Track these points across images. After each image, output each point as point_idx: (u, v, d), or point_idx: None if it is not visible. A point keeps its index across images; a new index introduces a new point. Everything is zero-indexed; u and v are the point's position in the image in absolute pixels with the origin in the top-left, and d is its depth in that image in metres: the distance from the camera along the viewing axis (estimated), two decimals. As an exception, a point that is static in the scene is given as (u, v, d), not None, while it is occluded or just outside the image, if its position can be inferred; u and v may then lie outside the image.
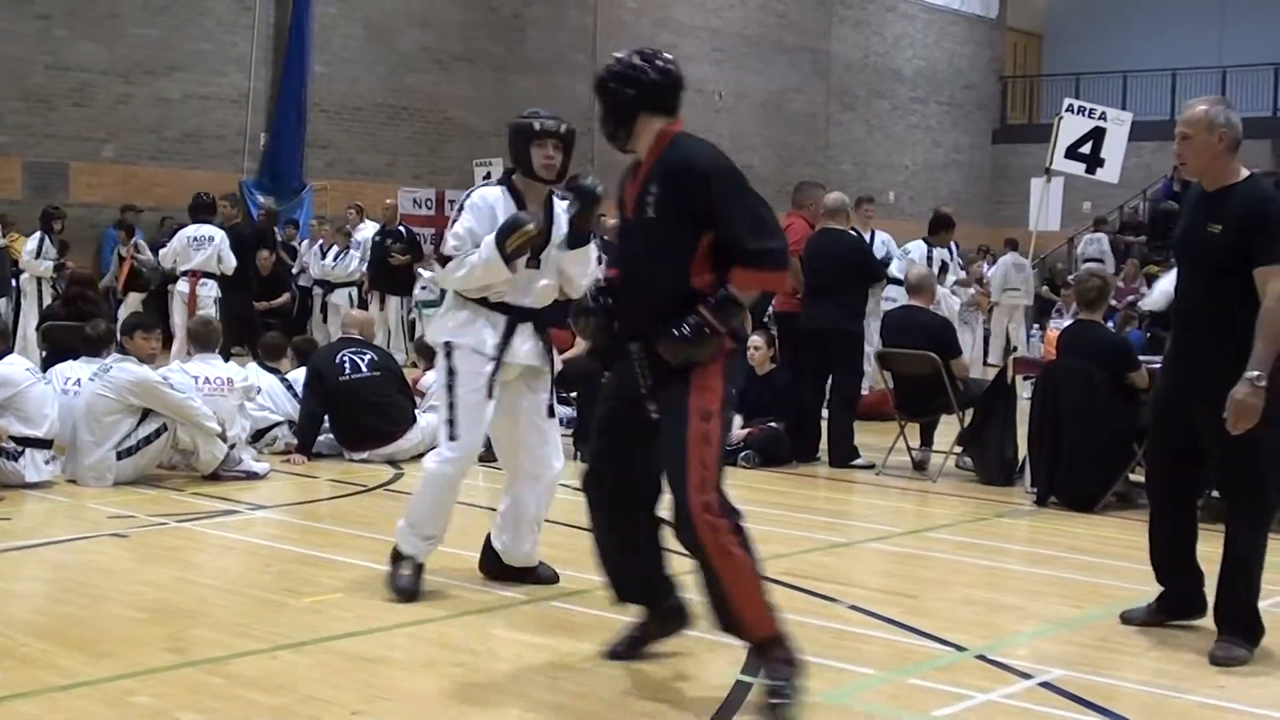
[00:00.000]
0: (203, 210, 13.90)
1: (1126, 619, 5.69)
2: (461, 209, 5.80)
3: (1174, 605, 5.61)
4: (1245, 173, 5.36)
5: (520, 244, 5.55)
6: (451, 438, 5.68)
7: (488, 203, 5.76)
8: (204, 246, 13.52)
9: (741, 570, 4.38)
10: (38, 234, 16.35)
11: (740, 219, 4.42)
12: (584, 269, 5.77)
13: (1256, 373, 5.01)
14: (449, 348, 5.73)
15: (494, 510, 6.12)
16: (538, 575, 6.04)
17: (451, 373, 5.69)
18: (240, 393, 9.25)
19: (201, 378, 9.02)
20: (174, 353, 12.14)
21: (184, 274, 13.63)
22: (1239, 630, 5.23)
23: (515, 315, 5.77)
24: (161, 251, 14.94)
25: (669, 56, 4.70)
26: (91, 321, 9.72)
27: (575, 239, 5.73)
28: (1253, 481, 5.22)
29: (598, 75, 4.76)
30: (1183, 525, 5.53)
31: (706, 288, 4.48)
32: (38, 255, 16.15)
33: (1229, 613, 5.27)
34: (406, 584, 5.77)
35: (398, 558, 5.85)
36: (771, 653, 4.39)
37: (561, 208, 5.85)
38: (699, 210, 4.45)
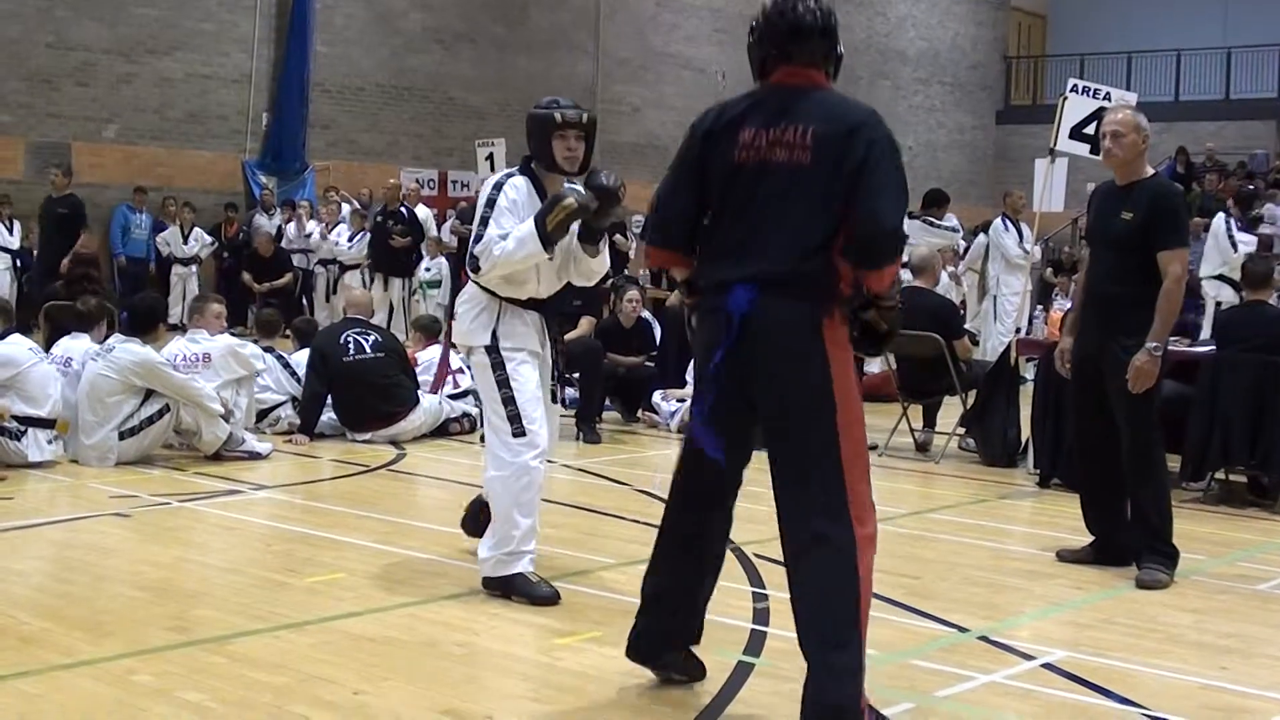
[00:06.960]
0: None
1: (1061, 556, 6.52)
2: (492, 206, 5.50)
3: (1104, 550, 6.41)
4: (1151, 170, 6.33)
5: (560, 220, 5.36)
6: (517, 434, 5.45)
7: (522, 195, 5.55)
8: None
9: None
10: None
11: None
12: (601, 264, 5.69)
13: (1155, 344, 5.96)
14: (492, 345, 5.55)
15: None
16: None
17: (499, 367, 5.50)
18: (220, 367, 9.12)
19: (179, 356, 8.97)
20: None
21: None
22: (1159, 558, 6.08)
23: (528, 305, 5.63)
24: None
25: None
26: (83, 298, 9.70)
27: (588, 233, 5.56)
28: (1144, 433, 6.09)
29: None
30: (1106, 476, 6.32)
31: None
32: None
33: (1150, 545, 6.11)
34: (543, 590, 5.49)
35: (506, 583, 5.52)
36: None
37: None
38: None
